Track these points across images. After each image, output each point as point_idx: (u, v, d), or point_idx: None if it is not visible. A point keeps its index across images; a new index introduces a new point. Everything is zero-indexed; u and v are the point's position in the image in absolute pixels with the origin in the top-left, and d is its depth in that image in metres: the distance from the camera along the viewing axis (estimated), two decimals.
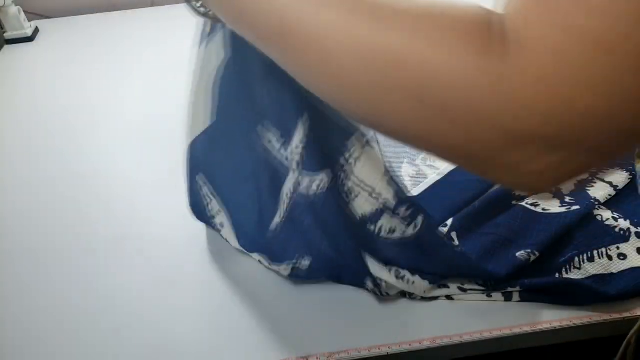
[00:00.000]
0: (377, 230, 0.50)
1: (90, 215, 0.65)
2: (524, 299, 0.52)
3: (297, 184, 0.47)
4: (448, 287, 0.53)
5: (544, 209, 0.58)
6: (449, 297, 0.53)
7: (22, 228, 0.65)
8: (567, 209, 0.58)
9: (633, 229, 0.55)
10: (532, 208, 0.58)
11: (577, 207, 0.58)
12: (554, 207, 0.59)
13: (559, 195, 0.59)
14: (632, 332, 0.47)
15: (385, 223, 0.50)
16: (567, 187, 0.61)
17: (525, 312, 0.51)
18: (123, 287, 0.56)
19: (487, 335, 0.49)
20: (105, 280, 0.57)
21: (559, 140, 0.24)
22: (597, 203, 0.58)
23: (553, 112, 0.23)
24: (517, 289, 0.52)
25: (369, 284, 0.51)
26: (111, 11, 1.16)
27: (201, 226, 0.62)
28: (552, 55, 0.23)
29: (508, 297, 0.52)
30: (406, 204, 0.49)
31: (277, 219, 0.51)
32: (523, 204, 0.59)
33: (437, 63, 0.25)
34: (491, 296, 0.52)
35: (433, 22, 0.25)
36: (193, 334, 0.51)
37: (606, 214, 0.58)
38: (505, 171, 0.27)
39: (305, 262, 0.51)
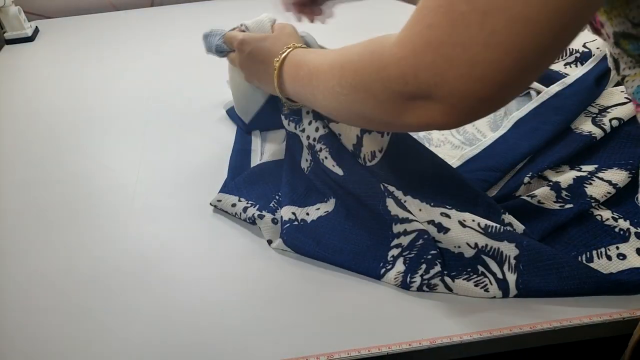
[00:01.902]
0: (363, 161, 0.60)
1: (90, 215, 0.65)
2: (521, 294, 0.51)
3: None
4: (449, 217, 0.55)
5: (539, 202, 0.59)
6: (448, 290, 0.53)
7: (22, 228, 0.65)
8: (560, 206, 0.58)
9: (633, 229, 0.55)
10: (529, 199, 0.59)
11: (571, 205, 0.58)
12: (548, 201, 0.59)
13: (555, 188, 0.59)
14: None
15: (366, 147, 0.60)
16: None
17: (525, 312, 0.51)
18: (123, 287, 0.56)
19: (487, 335, 0.49)
20: (105, 280, 0.57)
21: (426, 90, 0.37)
22: (594, 202, 0.58)
23: (416, 75, 0.37)
24: (515, 292, 0.52)
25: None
26: (111, 11, 1.16)
27: (201, 226, 0.62)
28: (407, 39, 0.38)
29: (506, 293, 0.52)
30: None
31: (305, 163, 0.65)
32: (523, 197, 0.59)
33: (362, 59, 0.43)
34: (488, 291, 0.52)
35: (365, 41, 0.44)
36: (193, 334, 0.51)
37: (606, 214, 0.58)
38: (408, 117, 0.41)
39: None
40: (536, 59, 0.34)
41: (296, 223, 0.59)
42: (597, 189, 0.59)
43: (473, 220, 0.54)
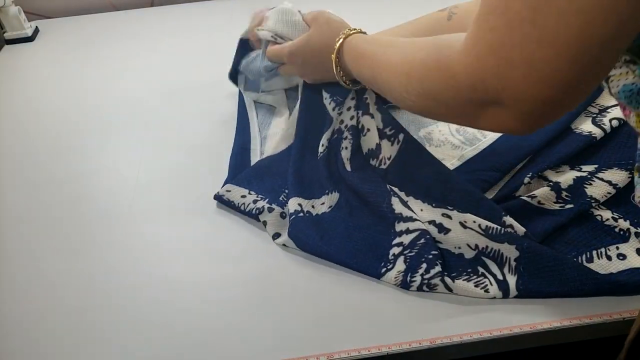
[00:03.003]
0: (377, 163, 0.63)
1: (90, 215, 0.65)
2: (521, 295, 0.51)
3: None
4: (450, 218, 0.56)
5: (539, 202, 0.58)
6: (444, 287, 0.53)
7: (22, 228, 0.65)
8: (560, 206, 0.58)
9: (633, 229, 0.55)
10: (529, 200, 0.59)
11: (571, 205, 0.58)
12: (548, 201, 0.59)
13: (555, 189, 0.59)
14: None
15: (384, 152, 0.62)
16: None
17: (525, 312, 0.51)
18: (122, 287, 0.56)
19: (487, 335, 0.49)
20: (105, 280, 0.57)
21: (495, 95, 0.37)
22: (594, 202, 0.58)
23: (483, 81, 0.37)
24: (515, 292, 0.52)
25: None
26: (111, 11, 1.16)
27: (201, 226, 0.62)
28: (472, 45, 0.37)
29: (506, 294, 0.52)
30: (390, 124, 0.63)
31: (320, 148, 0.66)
32: (523, 197, 0.59)
33: (428, 68, 0.43)
34: (489, 292, 0.52)
35: (426, 44, 0.44)
36: (193, 333, 0.51)
37: (606, 214, 0.58)
38: (482, 122, 0.41)
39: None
40: (594, 54, 0.32)
41: (302, 214, 0.59)
42: (597, 189, 0.59)
43: (474, 222, 0.55)
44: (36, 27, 1.09)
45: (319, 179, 0.63)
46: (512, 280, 0.52)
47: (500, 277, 0.52)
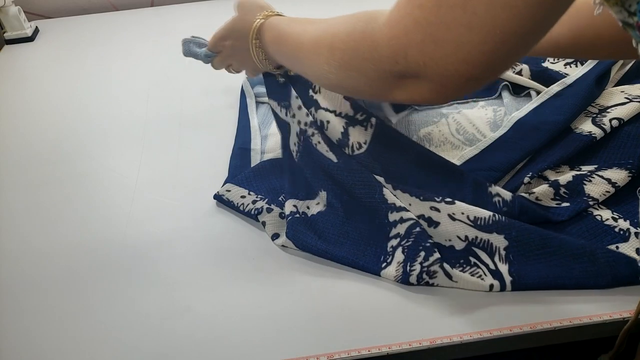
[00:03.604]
0: (350, 151, 0.61)
1: (90, 215, 0.65)
2: (515, 282, 0.52)
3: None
4: (439, 211, 0.56)
5: (537, 199, 0.59)
6: (441, 277, 0.53)
7: (22, 228, 0.65)
8: (557, 203, 0.59)
9: (632, 229, 0.55)
10: (527, 196, 0.59)
11: (568, 204, 0.58)
12: (546, 198, 0.59)
13: (554, 185, 0.60)
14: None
15: (353, 138, 0.61)
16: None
17: (525, 312, 0.51)
18: (122, 287, 0.56)
19: (487, 335, 0.49)
20: (105, 280, 0.57)
21: (416, 69, 0.38)
22: (591, 201, 0.58)
23: (406, 55, 0.38)
24: (509, 278, 0.52)
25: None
26: (111, 11, 1.16)
27: (201, 226, 0.62)
28: (399, 19, 0.38)
29: (502, 282, 0.52)
30: (360, 109, 0.62)
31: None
32: (521, 194, 0.60)
33: (353, 39, 0.43)
34: (484, 280, 0.52)
35: (350, 18, 0.44)
36: (193, 334, 0.51)
37: (606, 214, 0.58)
38: (397, 94, 0.42)
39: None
40: (517, 42, 0.35)
41: (297, 216, 0.59)
42: (596, 187, 0.59)
43: (462, 213, 0.55)
44: (36, 27, 1.09)
45: (306, 180, 0.64)
46: (504, 268, 0.53)
47: (492, 266, 0.53)
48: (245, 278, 0.56)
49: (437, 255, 0.53)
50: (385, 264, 0.55)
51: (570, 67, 0.79)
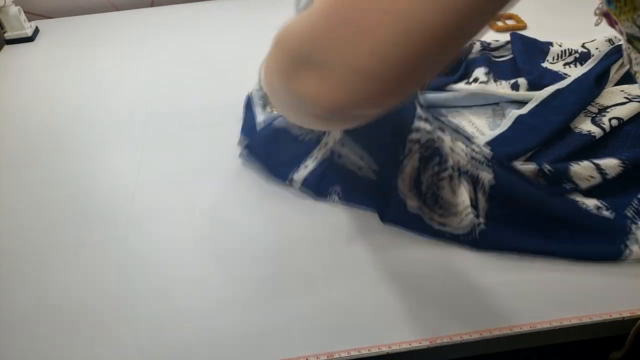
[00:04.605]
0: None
1: (90, 215, 0.65)
2: (488, 227, 0.56)
3: None
4: (443, 140, 0.60)
5: (521, 174, 0.61)
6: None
7: (22, 228, 0.65)
8: (537, 181, 0.60)
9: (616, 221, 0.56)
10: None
11: (546, 184, 0.60)
12: (532, 174, 0.60)
13: (538, 162, 0.61)
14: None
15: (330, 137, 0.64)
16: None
17: (526, 312, 0.51)
18: (122, 287, 0.56)
19: (487, 335, 0.49)
20: (104, 281, 0.57)
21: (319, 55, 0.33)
22: (570, 185, 0.59)
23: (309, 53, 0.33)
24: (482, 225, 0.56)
25: None
26: (111, 11, 1.16)
27: (201, 226, 0.62)
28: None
29: (475, 216, 0.56)
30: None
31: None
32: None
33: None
34: (465, 202, 0.56)
35: None
36: (192, 334, 0.51)
37: (590, 202, 0.57)
38: (292, 84, 0.36)
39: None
40: (440, 38, 0.30)
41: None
42: (582, 169, 0.59)
43: (462, 150, 0.60)
44: (36, 27, 1.09)
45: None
46: (483, 206, 0.57)
47: (472, 195, 0.57)
48: (245, 277, 0.56)
49: (451, 162, 0.58)
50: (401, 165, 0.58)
51: (570, 67, 0.79)
